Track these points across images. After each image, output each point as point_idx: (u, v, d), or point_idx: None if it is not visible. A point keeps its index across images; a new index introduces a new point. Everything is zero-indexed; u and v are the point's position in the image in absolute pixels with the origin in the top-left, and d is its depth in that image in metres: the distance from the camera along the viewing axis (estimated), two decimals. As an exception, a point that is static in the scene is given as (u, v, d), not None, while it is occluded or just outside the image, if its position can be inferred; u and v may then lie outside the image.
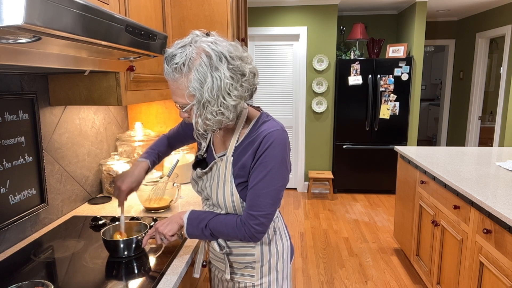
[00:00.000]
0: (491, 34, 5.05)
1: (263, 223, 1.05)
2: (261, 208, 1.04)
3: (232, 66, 0.97)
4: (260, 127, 1.08)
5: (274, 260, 1.19)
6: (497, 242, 1.68)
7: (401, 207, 3.13)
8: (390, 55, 4.68)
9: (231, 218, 1.08)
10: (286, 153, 1.06)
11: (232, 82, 0.97)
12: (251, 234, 1.05)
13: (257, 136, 1.06)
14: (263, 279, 1.18)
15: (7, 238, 1.35)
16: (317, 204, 4.57)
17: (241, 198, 1.09)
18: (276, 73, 4.87)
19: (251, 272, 1.18)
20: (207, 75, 0.95)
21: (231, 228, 1.07)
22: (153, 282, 1.10)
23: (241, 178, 1.09)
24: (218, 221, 1.09)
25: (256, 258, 1.16)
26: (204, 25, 2.11)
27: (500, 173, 2.29)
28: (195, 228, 1.12)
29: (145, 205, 1.71)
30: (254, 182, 1.05)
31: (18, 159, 1.37)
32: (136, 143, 2.09)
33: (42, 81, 1.53)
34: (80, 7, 0.83)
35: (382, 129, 4.75)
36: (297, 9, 4.68)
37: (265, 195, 1.04)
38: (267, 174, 1.03)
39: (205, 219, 1.11)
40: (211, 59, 0.95)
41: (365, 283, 2.81)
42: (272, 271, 1.19)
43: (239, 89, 0.99)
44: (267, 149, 1.03)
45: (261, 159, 1.04)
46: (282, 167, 1.04)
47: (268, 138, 1.03)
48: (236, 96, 0.99)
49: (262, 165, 1.03)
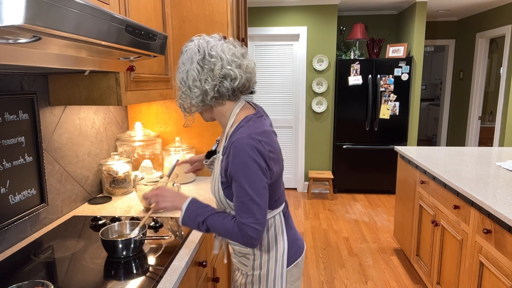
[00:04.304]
0: (491, 34, 5.05)
1: (256, 229, 1.05)
2: (250, 214, 1.05)
3: (205, 62, 1.09)
4: (237, 132, 1.11)
5: (265, 257, 1.22)
6: (497, 242, 1.68)
7: (401, 207, 3.13)
8: (390, 55, 4.68)
9: (229, 222, 1.09)
10: (251, 156, 1.04)
11: (197, 74, 1.10)
12: (246, 241, 1.07)
13: (229, 143, 1.10)
14: (255, 272, 1.24)
15: (7, 238, 1.35)
16: (317, 204, 4.57)
17: (224, 195, 1.15)
18: (276, 73, 4.87)
19: (246, 262, 1.25)
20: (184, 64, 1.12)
21: (229, 232, 1.09)
22: (153, 282, 1.10)
23: (222, 177, 1.14)
24: (216, 221, 1.11)
25: (249, 250, 1.23)
26: (204, 25, 2.11)
27: (500, 173, 2.29)
28: (192, 220, 1.13)
29: (145, 205, 1.71)
30: (235, 192, 1.07)
31: (18, 159, 1.37)
32: (136, 143, 2.09)
33: (42, 81, 1.53)
34: (80, 7, 0.83)
35: (382, 129, 4.75)
36: (297, 9, 4.68)
37: (248, 202, 1.05)
38: (242, 182, 1.05)
39: (204, 214, 1.12)
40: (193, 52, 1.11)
41: (365, 283, 2.81)
42: (263, 267, 1.23)
43: (203, 82, 1.10)
44: (233, 159, 1.06)
45: (231, 169, 1.07)
46: (251, 171, 1.04)
47: (233, 147, 1.07)
48: (198, 87, 1.11)
49: (234, 174, 1.06)
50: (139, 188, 1.67)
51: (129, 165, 1.98)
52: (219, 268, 1.84)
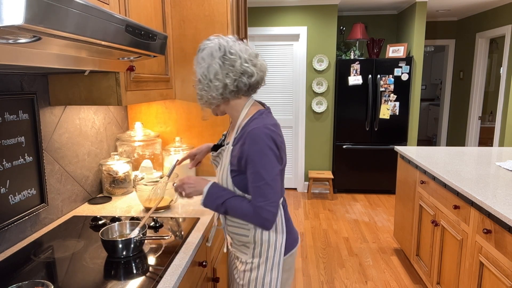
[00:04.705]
0: (491, 34, 5.05)
1: (271, 211, 1.17)
2: (266, 198, 1.16)
3: (226, 58, 1.18)
4: (252, 123, 1.22)
5: (265, 246, 1.28)
6: (497, 242, 1.68)
7: (401, 207, 3.13)
8: (390, 55, 4.68)
9: (246, 205, 1.19)
10: (268, 144, 1.16)
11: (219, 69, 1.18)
12: (262, 223, 1.18)
13: (244, 133, 1.21)
14: (254, 259, 1.30)
15: (7, 238, 1.35)
16: (317, 204, 4.57)
17: (233, 183, 1.24)
18: (276, 73, 4.87)
19: (246, 250, 1.31)
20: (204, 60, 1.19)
21: (246, 214, 1.19)
22: (153, 282, 1.10)
23: (233, 166, 1.23)
24: (234, 203, 1.21)
25: (250, 239, 1.28)
26: (204, 25, 2.12)
27: (500, 173, 2.29)
28: (212, 202, 1.23)
29: (145, 205, 1.71)
30: (251, 178, 1.18)
31: (18, 159, 1.37)
32: (136, 143, 2.09)
33: (42, 81, 1.53)
34: (80, 7, 0.83)
35: (382, 129, 4.75)
36: (297, 9, 4.68)
37: (264, 186, 1.16)
38: (258, 168, 1.16)
39: (223, 196, 1.22)
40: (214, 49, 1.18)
41: (365, 283, 2.81)
42: (262, 255, 1.29)
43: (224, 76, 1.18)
44: (250, 146, 1.16)
45: (247, 156, 1.17)
46: (268, 157, 1.16)
47: (249, 135, 1.17)
48: (219, 80, 1.18)
49: (251, 161, 1.17)
50: (139, 188, 1.67)
51: (129, 165, 1.98)
52: (219, 268, 1.84)
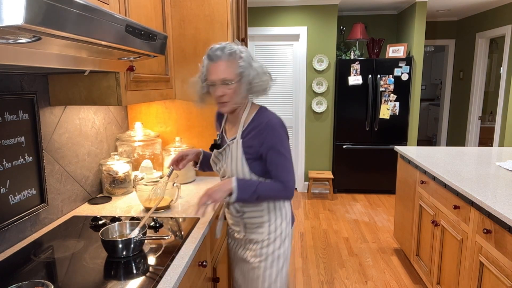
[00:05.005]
0: (491, 34, 5.05)
1: (294, 181, 1.41)
2: (288, 172, 1.39)
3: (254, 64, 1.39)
4: (261, 116, 1.40)
5: (279, 221, 1.50)
6: (497, 242, 1.68)
7: (401, 207, 3.13)
8: (390, 55, 4.68)
9: (274, 183, 1.39)
10: (284, 130, 1.39)
11: (258, 71, 1.37)
12: (289, 194, 1.40)
13: (259, 124, 1.38)
14: (270, 235, 1.49)
15: (7, 238, 1.35)
16: (317, 204, 4.57)
17: (250, 170, 1.41)
18: (276, 73, 4.87)
19: (262, 230, 1.49)
20: (250, 62, 1.36)
21: (277, 191, 1.38)
22: (153, 282, 1.10)
23: (248, 155, 1.40)
24: (265, 186, 1.38)
25: (265, 219, 1.48)
26: (204, 25, 2.12)
27: (500, 173, 2.29)
28: (245, 193, 1.36)
29: (145, 205, 1.71)
30: (274, 159, 1.37)
31: (18, 159, 1.37)
32: (136, 143, 2.09)
33: (42, 81, 1.53)
34: (80, 7, 0.83)
35: (382, 129, 4.75)
36: (297, 9, 4.68)
37: (286, 163, 1.38)
38: (280, 150, 1.37)
39: (253, 184, 1.37)
40: (249, 55, 1.37)
41: (365, 283, 2.81)
42: (277, 229, 1.50)
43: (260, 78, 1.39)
44: (270, 134, 1.36)
45: (268, 142, 1.36)
46: (285, 141, 1.39)
47: (268, 126, 1.36)
48: (258, 80, 1.37)
49: (272, 146, 1.36)
50: (139, 188, 1.67)
51: (129, 165, 1.98)
52: (219, 268, 1.84)
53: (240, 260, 1.59)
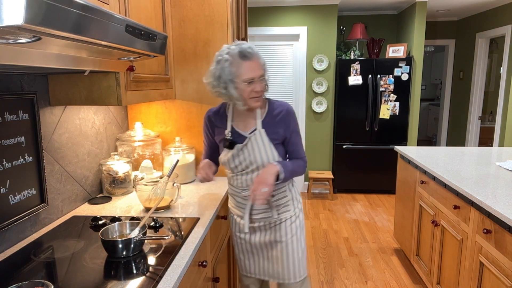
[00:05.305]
0: (491, 34, 5.05)
1: (305, 161, 1.65)
2: (303, 153, 1.65)
3: None
4: (275, 105, 1.60)
5: (297, 195, 1.74)
6: (497, 242, 1.68)
7: (401, 207, 3.13)
8: (390, 55, 4.68)
9: (298, 161, 1.62)
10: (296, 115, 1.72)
11: None
12: (305, 169, 1.65)
13: (280, 112, 1.58)
14: (296, 209, 1.70)
15: (7, 238, 1.35)
16: (317, 204, 4.58)
17: (278, 154, 1.57)
18: (276, 73, 4.87)
19: (289, 207, 1.68)
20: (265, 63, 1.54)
21: (302, 168, 1.62)
22: (153, 282, 1.10)
23: (275, 140, 1.56)
24: (295, 165, 1.59)
25: (289, 197, 1.68)
26: (204, 25, 2.12)
27: (500, 173, 2.29)
28: (287, 172, 1.54)
29: (145, 205, 1.71)
30: (296, 141, 1.61)
31: (18, 159, 1.37)
32: (136, 143, 2.09)
33: (42, 81, 1.53)
34: (80, 7, 0.83)
35: (382, 129, 4.75)
36: (297, 9, 4.68)
37: (301, 146, 1.64)
38: (297, 133, 1.61)
39: (288, 165, 1.56)
40: None
41: (365, 283, 2.81)
42: (300, 202, 1.74)
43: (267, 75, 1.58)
44: (292, 119, 1.59)
45: (291, 126, 1.58)
46: (298, 126, 1.62)
47: (289, 111, 1.58)
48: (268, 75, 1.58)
49: (294, 129, 1.59)
50: (139, 188, 1.67)
51: (129, 165, 1.98)
52: (219, 268, 1.84)
53: (266, 246, 1.69)
